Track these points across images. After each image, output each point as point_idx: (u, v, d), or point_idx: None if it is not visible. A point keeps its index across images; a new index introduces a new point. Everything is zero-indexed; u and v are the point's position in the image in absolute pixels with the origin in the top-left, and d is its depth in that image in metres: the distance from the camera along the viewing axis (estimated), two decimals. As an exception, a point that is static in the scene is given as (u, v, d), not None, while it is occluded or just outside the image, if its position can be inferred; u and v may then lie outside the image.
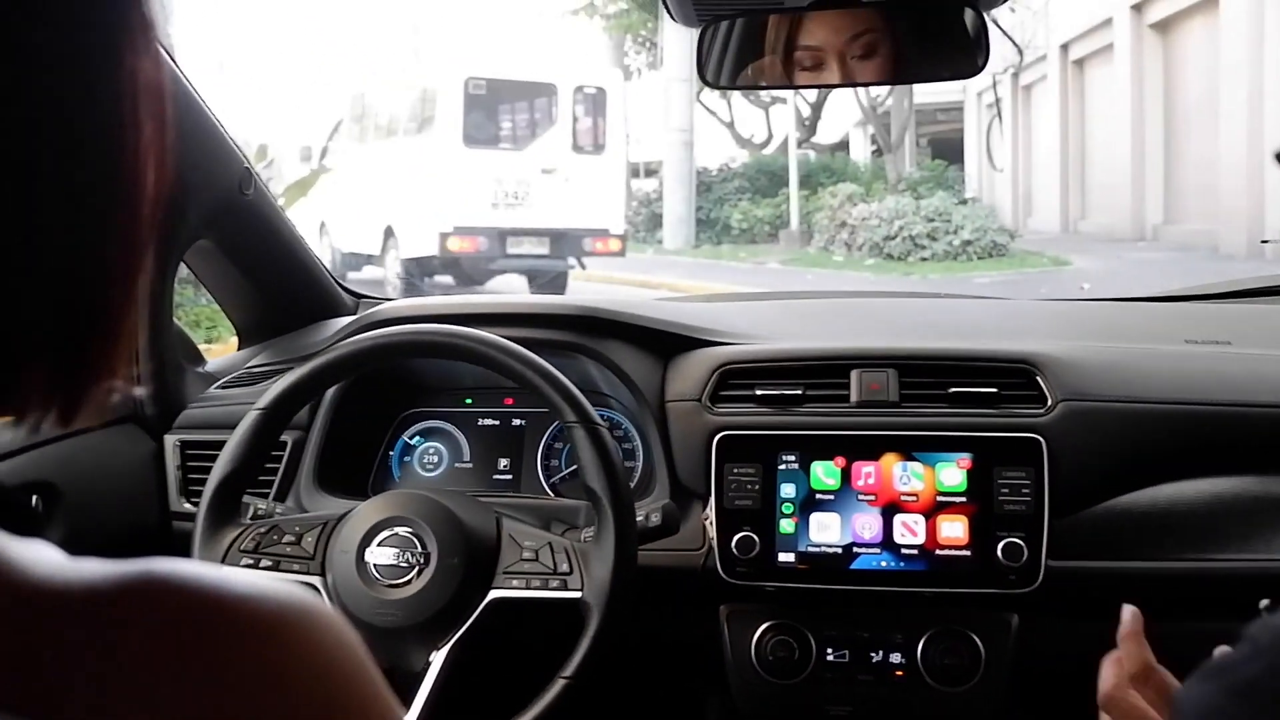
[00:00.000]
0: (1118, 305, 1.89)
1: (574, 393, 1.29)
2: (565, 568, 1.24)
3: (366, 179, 12.56)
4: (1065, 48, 18.52)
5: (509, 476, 1.66)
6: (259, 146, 10.46)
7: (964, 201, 16.48)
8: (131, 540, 1.55)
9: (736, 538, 1.40)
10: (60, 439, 1.44)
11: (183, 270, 1.74)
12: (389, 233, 12.15)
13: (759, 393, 1.47)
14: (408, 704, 1.22)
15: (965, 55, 1.35)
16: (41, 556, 0.42)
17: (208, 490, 1.30)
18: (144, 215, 0.47)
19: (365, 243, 12.72)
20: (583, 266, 12.29)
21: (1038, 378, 1.43)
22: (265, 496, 1.50)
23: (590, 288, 12.30)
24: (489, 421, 1.69)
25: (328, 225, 13.41)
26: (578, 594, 1.22)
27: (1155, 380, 1.44)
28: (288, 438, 1.56)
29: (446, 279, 12.03)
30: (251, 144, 10.28)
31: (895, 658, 1.42)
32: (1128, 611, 0.99)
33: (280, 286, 1.81)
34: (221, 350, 2.00)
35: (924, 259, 14.41)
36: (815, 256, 15.74)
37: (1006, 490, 1.37)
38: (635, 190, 21.42)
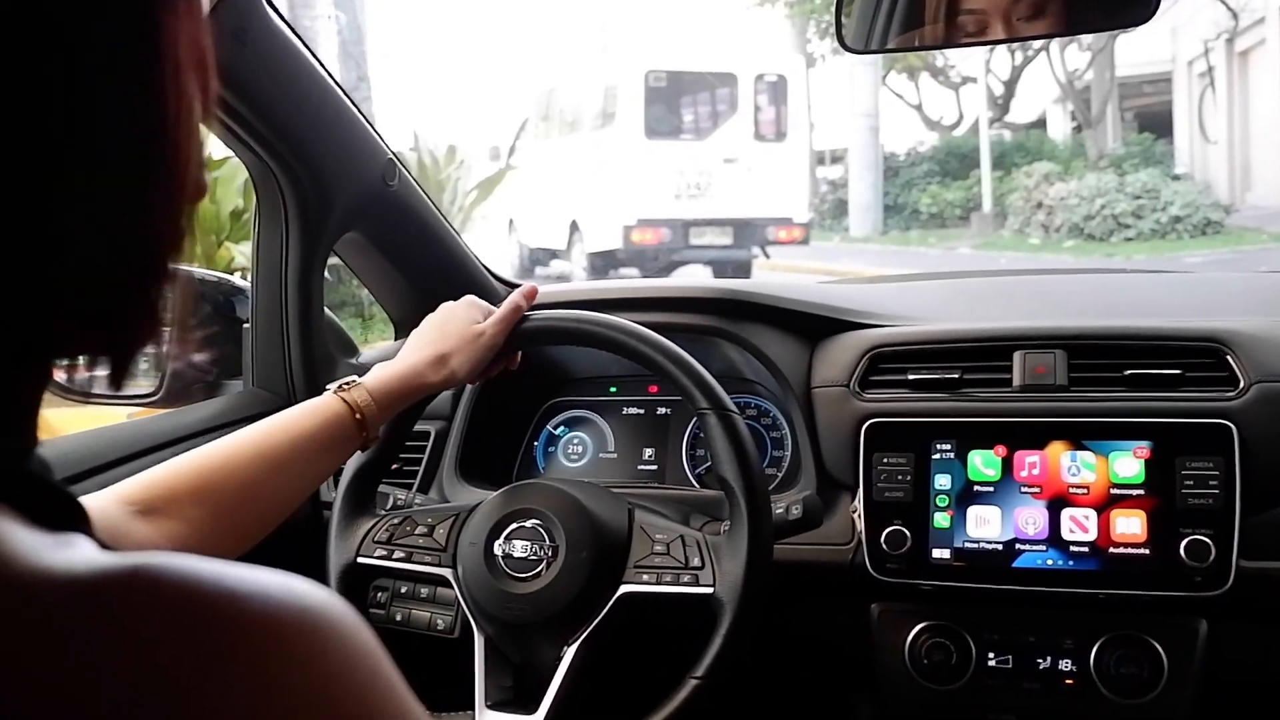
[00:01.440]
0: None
1: (705, 378, 1.22)
2: (696, 562, 1.18)
3: (552, 175, 12.81)
4: (1287, 7, 17.20)
5: (654, 467, 1.61)
6: (449, 148, 10.75)
7: (1176, 177, 15.50)
8: (288, 530, 1.57)
9: (886, 532, 1.31)
10: (216, 429, 1.47)
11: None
12: (574, 227, 12.35)
13: (912, 377, 1.37)
14: (539, 700, 1.18)
15: (1137, 1, 1.23)
16: (55, 548, 0.39)
17: (343, 481, 1.29)
18: (185, 185, 0.46)
19: (552, 238, 12.97)
20: (766, 256, 12.17)
21: (1228, 357, 1.28)
22: (410, 487, 1.50)
23: (775, 278, 12.17)
24: (634, 411, 1.65)
25: (515, 222, 13.75)
26: (709, 589, 1.16)
27: (1368, 359, 1.27)
28: (430, 428, 1.55)
29: (631, 271, 12.12)
30: (442, 145, 10.58)
31: (1065, 665, 1.30)
32: None
33: (429, 276, 1.81)
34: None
35: (1128, 239, 13.63)
36: (1009, 240, 15.11)
37: (1191, 482, 1.23)
38: (820, 177, 21.12)
